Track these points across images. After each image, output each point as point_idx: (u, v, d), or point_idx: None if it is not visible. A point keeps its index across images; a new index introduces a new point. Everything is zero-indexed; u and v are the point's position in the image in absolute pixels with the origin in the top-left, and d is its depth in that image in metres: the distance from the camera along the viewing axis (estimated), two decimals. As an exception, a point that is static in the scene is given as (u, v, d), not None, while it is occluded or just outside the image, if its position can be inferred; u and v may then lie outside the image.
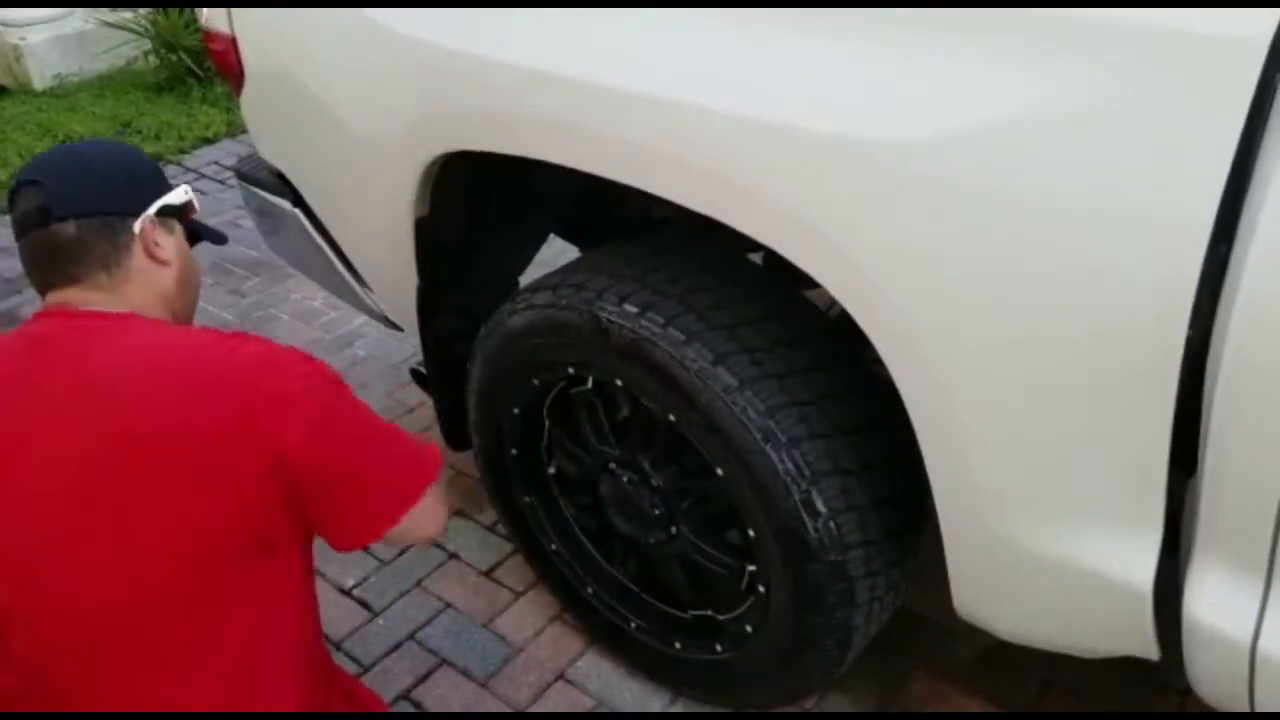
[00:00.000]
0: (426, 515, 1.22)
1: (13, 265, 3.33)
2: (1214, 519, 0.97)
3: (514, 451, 1.68)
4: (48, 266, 1.18)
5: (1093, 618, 1.12)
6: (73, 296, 1.17)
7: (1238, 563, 0.97)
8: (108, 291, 1.18)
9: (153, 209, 1.23)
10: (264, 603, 1.15)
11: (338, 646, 1.82)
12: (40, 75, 4.74)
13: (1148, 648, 1.11)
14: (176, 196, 1.28)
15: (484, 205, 1.64)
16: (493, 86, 1.33)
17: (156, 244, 1.22)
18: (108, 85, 4.74)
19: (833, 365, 1.33)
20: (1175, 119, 0.86)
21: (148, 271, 1.21)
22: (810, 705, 1.67)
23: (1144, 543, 1.03)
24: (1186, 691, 1.30)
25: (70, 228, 1.15)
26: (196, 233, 1.36)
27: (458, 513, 2.13)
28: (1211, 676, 1.06)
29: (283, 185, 1.87)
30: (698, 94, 1.12)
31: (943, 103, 0.97)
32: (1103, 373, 0.96)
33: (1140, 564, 1.03)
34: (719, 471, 1.35)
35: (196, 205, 1.33)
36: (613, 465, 1.56)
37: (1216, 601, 0.99)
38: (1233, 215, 0.85)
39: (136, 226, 1.20)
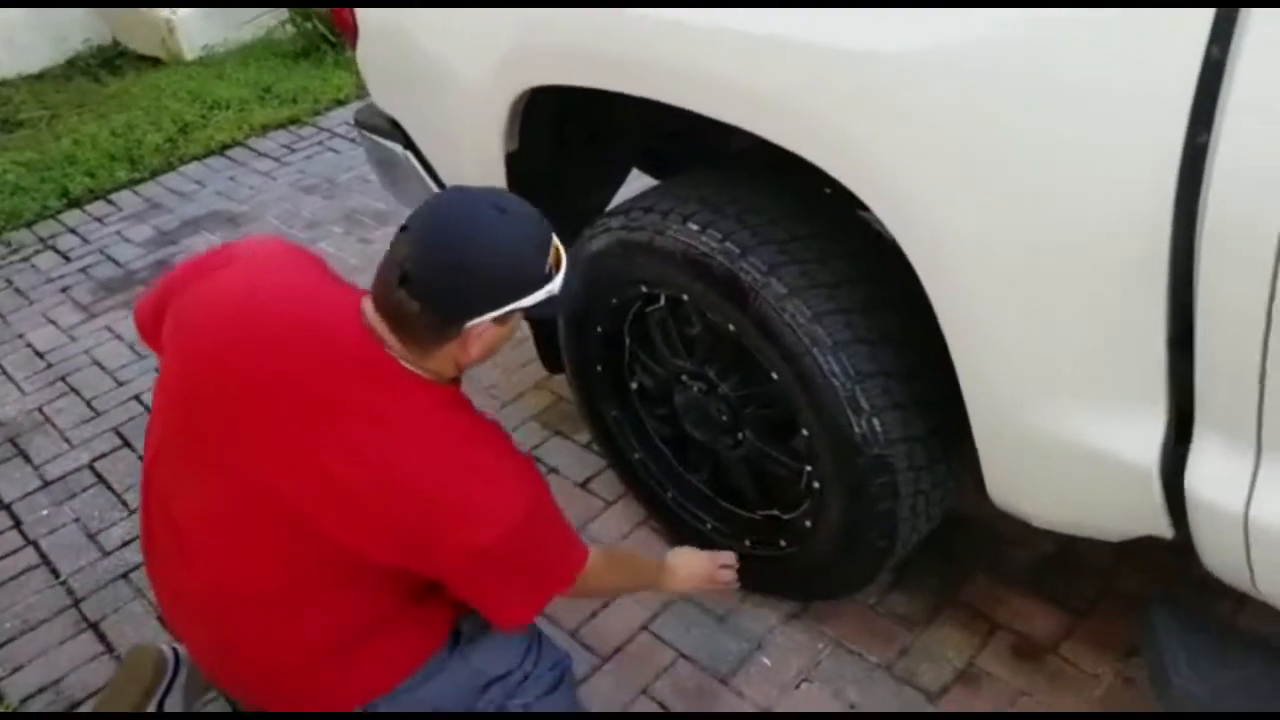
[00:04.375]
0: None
1: (169, 219, 3.71)
2: (1206, 394, 1.05)
3: (599, 368, 1.85)
4: (389, 311, 1.23)
5: (1107, 497, 1.21)
6: (384, 333, 1.25)
7: (1228, 436, 1.05)
8: (411, 351, 1.25)
9: (491, 316, 1.22)
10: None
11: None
12: (190, 47, 5.17)
13: (1160, 525, 1.19)
14: (531, 300, 1.24)
15: (568, 139, 1.80)
16: (568, 25, 1.48)
17: (477, 339, 1.24)
18: (250, 54, 5.12)
19: (880, 277, 1.44)
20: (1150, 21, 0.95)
21: (453, 354, 1.26)
22: (872, 601, 1.80)
23: (1149, 422, 1.11)
24: (1242, 598, 1.34)
25: (415, 305, 1.20)
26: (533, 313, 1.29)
27: (557, 432, 2.34)
28: (1213, 549, 1.14)
29: (395, 130, 2.07)
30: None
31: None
32: (1101, 260, 1.05)
33: (1146, 442, 1.12)
34: (774, 376, 1.49)
35: (553, 302, 1.27)
36: (685, 377, 1.71)
37: (1211, 474, 1.08)
38: (1210, 105, 0.93)
39: (468, 326, 1.22)
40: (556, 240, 1.29)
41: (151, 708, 1.55)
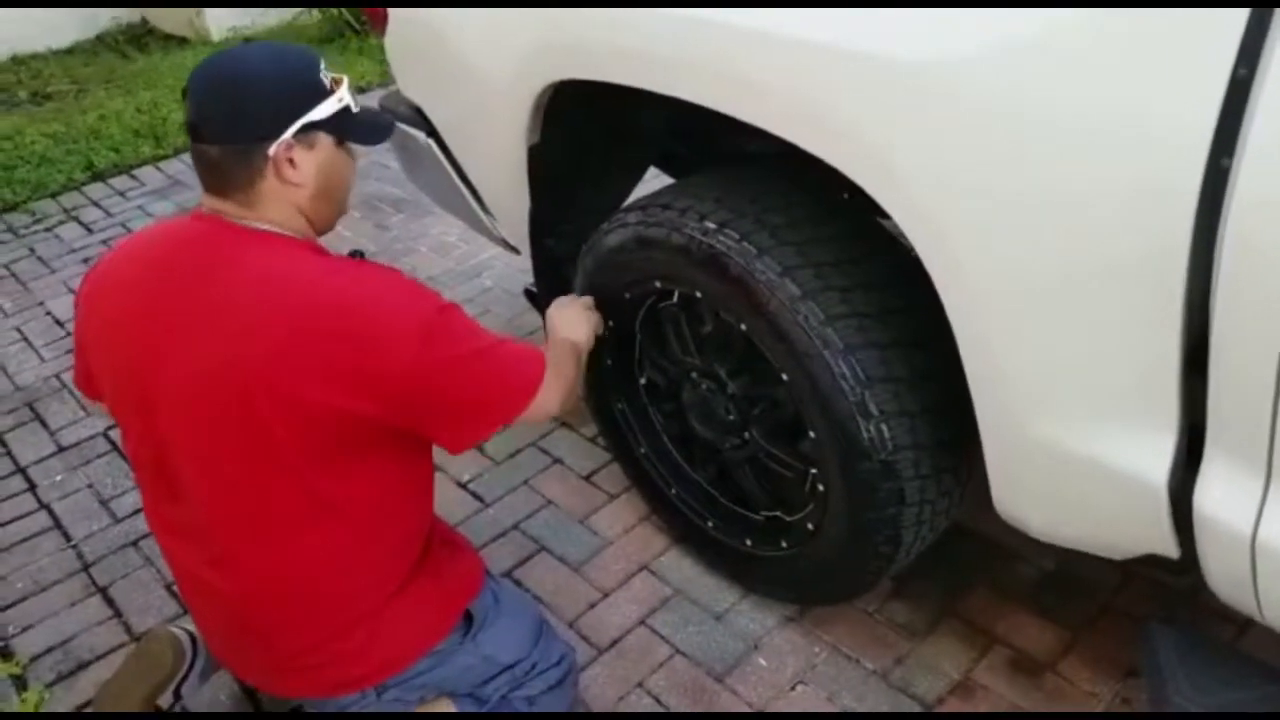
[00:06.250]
0: (540, 407, 1.40)
1: (191, 197, 3.73)
2: (1219, 415, 1.04)
3: (609, 361, 1.85)
4: (202, 174, 1.30)
5: (1114, 513, 1.20)
6: (220, 206, 1.29)
7: (1239, 457, 1.04)
8: (246, 207, 1.28)
9: (289, 133, 1.26)
10: (371, 482, 1.34)
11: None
12: (218, 28, 5.22)
13: (1166, 544, 1.18)
14: (322, 111, 1.29)
15: (589, 135, 1.80)
16: (595, 20, 1.49)
17: (291, 164, 1.27)
18: (275, 37, 5.16)
19: (895, 284, 1.43)
20: (1175, 37, 0.94)
21: (281, 190, 1.28)
22: (871, 609, 1.80)
23: (1160, 440, 1.11)
24: (1248, 624, 1.32)
25: (213, 150, 1.26)
26: (348, 135, 1.35)
27: (564, 424, 2.34)
28: (1219, 571, 1.13)
29: (419, 118, 2.08)
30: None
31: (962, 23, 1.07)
32: (1118, 277, 1.04)
33: (1156, 460, 1.11)
34: (784, 377, 1.48)
35: (354, 106, 1.34)
36: (694, 374, 1.71)
37: (1220, 495, 1.07)
38: (1233, 128, 0.93)
39: (271, 151, 1.25)
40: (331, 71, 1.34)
41: (170, 694, 1.56)
